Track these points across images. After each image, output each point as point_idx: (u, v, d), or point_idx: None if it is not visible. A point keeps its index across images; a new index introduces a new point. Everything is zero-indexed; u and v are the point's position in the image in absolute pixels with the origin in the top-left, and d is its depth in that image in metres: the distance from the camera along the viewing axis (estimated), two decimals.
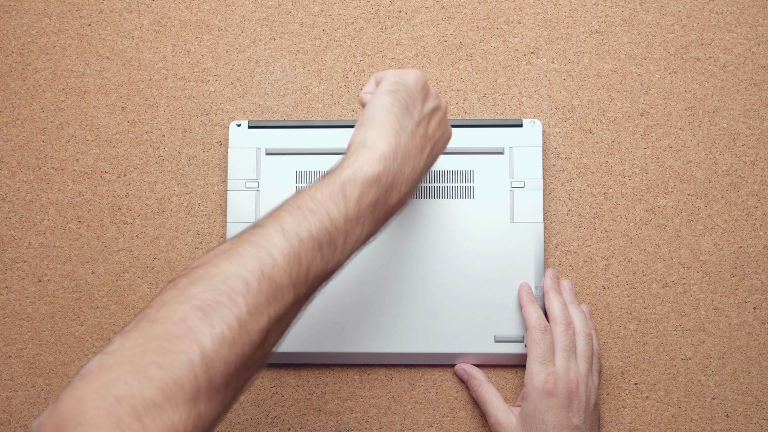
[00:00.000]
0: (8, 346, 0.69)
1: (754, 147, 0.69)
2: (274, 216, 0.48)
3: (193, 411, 0.40)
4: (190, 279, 0.44)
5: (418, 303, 0.66)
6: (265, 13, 0.72)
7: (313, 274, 0.47)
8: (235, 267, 0.44)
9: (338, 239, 0.48)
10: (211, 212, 0.70)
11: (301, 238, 0.46)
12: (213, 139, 0.71)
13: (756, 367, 0.67)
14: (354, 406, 0.68)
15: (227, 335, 0.42)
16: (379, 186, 0.50)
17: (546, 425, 0.60)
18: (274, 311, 0.45)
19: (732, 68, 0.70)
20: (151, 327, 0.42)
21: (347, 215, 0.48)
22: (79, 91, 0.71)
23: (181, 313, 0.42)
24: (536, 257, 0.67)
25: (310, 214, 0.47)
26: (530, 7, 0.71)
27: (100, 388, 0.39)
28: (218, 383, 0.41)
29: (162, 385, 0.39)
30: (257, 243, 0.46)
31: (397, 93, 0.53)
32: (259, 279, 0.44)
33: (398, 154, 0.51)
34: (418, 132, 0.53)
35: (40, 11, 0.72)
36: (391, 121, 0.52)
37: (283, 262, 0.45)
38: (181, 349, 0.41)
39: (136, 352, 0.40)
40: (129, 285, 0.69)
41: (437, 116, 0.56)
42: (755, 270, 0.68)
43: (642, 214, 0.69)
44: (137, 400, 0.38)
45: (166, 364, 0.40)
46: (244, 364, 0.43)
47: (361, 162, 0.50)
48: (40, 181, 0.71)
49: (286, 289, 0.45)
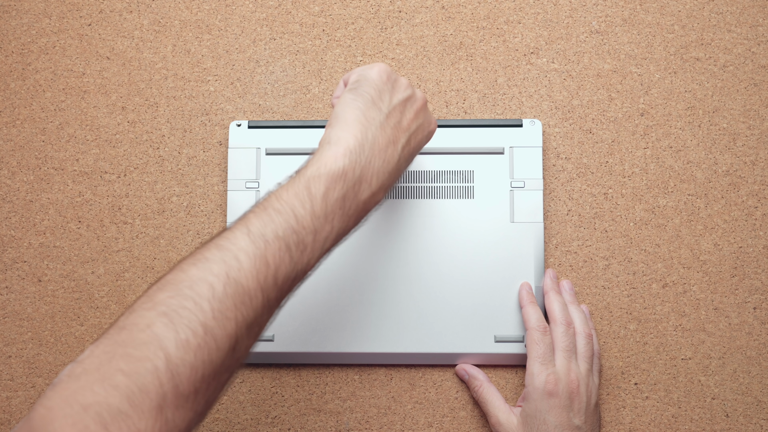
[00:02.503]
0: (8, 346, 0.69)
1: (754, 147, 0.69)
2: (242, 219, 0.47)
3: (160, 418, 0.40)
4: (159, 285, 0.44)
5: (418, 303, 0.66)
6: (265, 13, 0.72)
7: (283, 276, 0.46)
8: (201, 271, 0.44)
9: (306, 238, 0.47)
10: (211, 212, 0.70)
11: (267, 240, 0.45)
12: (213, 139, 0.71)
13: (756, 367, 0.67)
14: (354, 406, 0.68)
15: (192, 341, 0.41)
16: (345, 181, 0.49)
17: (547, 425, 0.60)
18: (242, 315, 0.44)
19: (732, 68, 0.70)
20: (118, 334, 0.41)
21: (314, 213, 0.47)
22: (79, 91, 0.71)
23: (148, 320, 0.42)
24: (536, 257, 0.67)
25: (276, 215, 0.47)
26: (530, 7, 0.71)
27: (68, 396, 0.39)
28: (185, 390, 0.41)
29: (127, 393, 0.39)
30: (224, 246, 0.45)
31: (359, 89, 0.53)
32: (225, 283, 0.43)
33: (365, 147, 0.50)
34: (388, 123, 0.52)
35: (40, 11, 0.72)
36: (355, 116, 0.51)
37: (249, 265, 0.44)
38: (146, 356, 0.40)
39: (104, 360, 0.40)
40: (129, 285, 0.69)
41: (412, 107, 0.55)
42: (755, 270, 0.68)
43: (642, 214, 0.69)
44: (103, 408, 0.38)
45: (131, 371, 0.40)
46: (212, 370, 0.42)
47: (326, 158, 0.49)
48: (40, 181, 0.71)
49: (254, 292, 0.44)
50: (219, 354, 0.42)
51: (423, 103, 0.56)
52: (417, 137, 0.55)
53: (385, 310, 0.66)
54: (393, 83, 0.55)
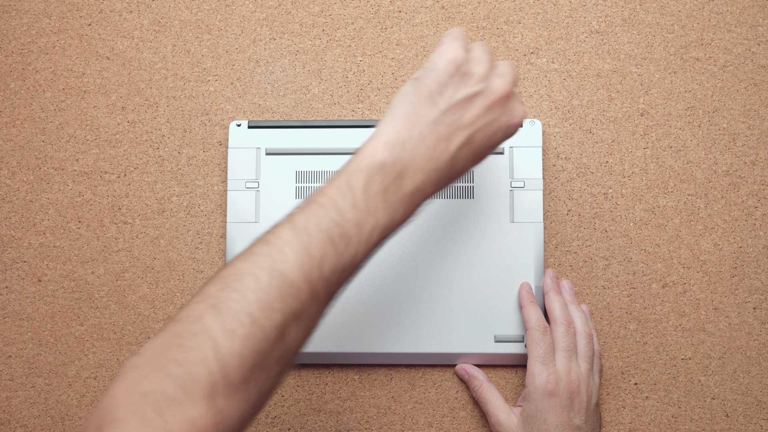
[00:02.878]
0: (8, 346, 0.69)
1: (754, 147, 0.69)
2: (289, 215, 0.48)
3: (212, 406, 0.41)
4: (211, 281, 0.46)
5: (418, 303, 0.66)
6: (265, 13, 0.72)
7: (329, 268, 0.47)
8: (247, 265, 0.46)
9: (350, 230, 0.47)
10: (211, 212, 0.70)
11: (310, 233, 0.46)
12: (213, 139, 0.71)
13: (756, 367, 0.67)
14: (354, 406, 0.68)
15: (239, 330, 0.43)
16: (385, 173, 0.49)
17: (547, 425, 0.60)
18: (289, 307, 0.45)
19: (732, 68, 0.70)
20: (174, 327, 0.44)
21: (355, 205, 0.48)
22: (79, 91, 0.71)
23: (198, 312, 0.44)
24: (536, 257, 0.67)
25: (318, 208, 0.48)
26: (530, 7, 0.71)
27: (129, 386, 0.41)
28: (235, 379, 0.42)
29: (180, 381, 0.41)
30: (269, 241, 0.47)
31: (422, 80, 0.52)
32: (269, 275, 0.45)
33: (408, 143, 0.50)
34: (443, 120, 0.51)
35: (40, 11, 0.72)
36: (405, 112, 0.51)
37: (293, 257, 0.46)
38: (196, 346, 0.42)
39: (159, 351, 0.43)
40: (129, 285, 0.69)
41: (482, 102, 0.51)
42: (755, 270, 0.68)
43: (642, 214, 0.69)
44: (159, 396, 0.41)
45: (183, 360, 0.42)
46: (261, 360, 0.44)
47: (365, 151, 0.50)
48: (40, 181, 0.71)
49: (299, 283, 0.45)
50: (267, 344, 0.44)
51: (499, 97, 0.52)
52: (484, 133, 0.52)
53: (385, 310, 0.66)
54: (462, 76, 0.52)
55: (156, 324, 0.69)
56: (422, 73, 0.52)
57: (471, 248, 0.67)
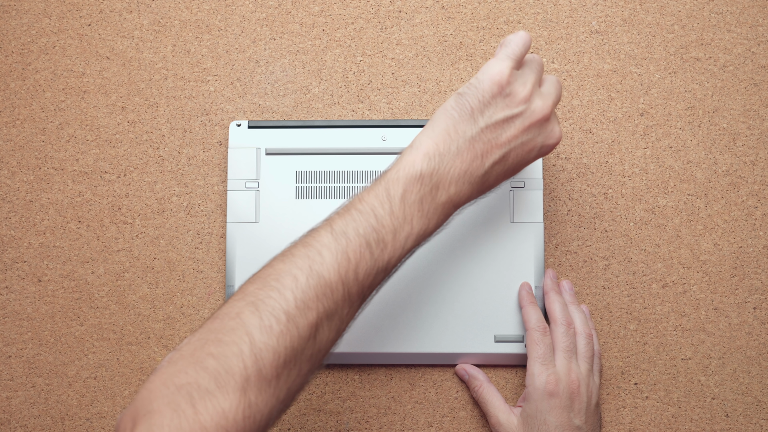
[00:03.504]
0: (8, 346, 0.69)
1: (754, 147, 0.69)
2: (327, 219, 0.51)
3: (243, 400, 0.43)
4: (250, 280, 0.49)
5: (418, 303, 0.66)
6: (265, 13, 0.72)
7: (363, 271, 0.49)
8: (286, 265, 0.48)
9: (386, 237, 0.50)
10: (211, 212, 0.70)
11: (348, 237, 0.49)
12: (213, 139, 0.71)
13: (756, 367, 0.67)
14: (354, 406, 0.68)
15: (275, 327, 0.45)
16: (422, 184, 0.51)
17: (548, 426, 0.60)
18: (323, 306, 0.47)
19: (732, 68, 0.70)
20: (212, 323, 0.46)
21: (393, 213, 0.50)
22: (79, 91, 0.71)
23: (237, 308, 0.46)
24: (536, 257, 0.67)
25: (357, 214, 0.50)
26: (530, 7, 0.71)
27: (165, 379, 0.44)
28: (268, 374, 0.44)
29: (215, 374, 0.43)
30: (308, 244, 0.49)
31: (465, 96, 0.53)
32: (308, 275, 0.47)
33: (445, 156, 0.52)
34: (481, 138, 0.53)
35: (40, 11, 0.72)
36: (445, 126, 0.53)
37: (331, 259, 0.48)
38: (233, 341, 0.44)
39: (197, 346, 0.45)
40: (129, 285, 0.69)
41: (520, 123, 0.53)
42: (755, 270, 0.68)
43: (642, 214, 0.69)
44: (193, 388, 0.43)
45: (219, 354, 0.44)
46: (294, 357, 0.46)
47: (405, 161, 0.52)
48: (40, 181, 0.71)
49: (335, 285, 0.48)
50: (300, 342, 0.46)
51: (537, 119, 0.54)
52: (518, 152, 0.54)
53: (384, 310, 0.66)
54: (505, 97, 0.53)
55: (156, 324, 0.69)
56: (467, 89, 0.54)
57: (471, 248, 0.67)
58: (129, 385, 0.69)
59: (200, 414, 0.42)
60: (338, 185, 0.68)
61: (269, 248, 0.67)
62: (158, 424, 0.41)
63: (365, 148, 0.68)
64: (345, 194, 0.68)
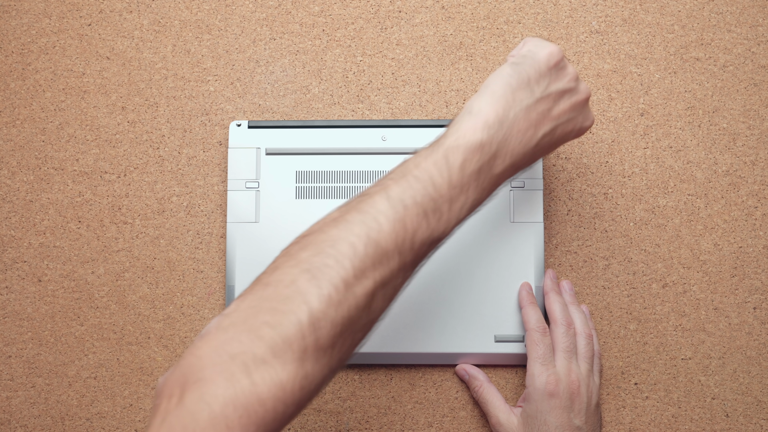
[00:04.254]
0: (8, 346, 0.69)
1: (754, 147, 0.69)
2: (381, 185, 0.49)
3: (300, 370, 0.42)
4: (300, 245, 0.46)
5: (418, 303, 0.66)
6: (265, 13, 0.72)
7: (419, 240, 0.48)
8: (342, 232, 0.46)
9: (443, 206, 0.49)
10: (211, 212, 0.70)
11: (405, 205, 0.47)
12: (213, 139, 0.71)
13: (756, 367, 0.67)
14: (354, 406, 0.68)
15: (334, 296, 0.44)
16: (482, 153, 0.50)
17: (548, 426, 0.60)
18: (380, 275, 0.46)
19: (732, 68, 0.70)
20: (264, 290, 0.44)
21: (451, 182, 0.49)
22: (79, 91, 0.71)
23: (292, 276, 0.44)
24: (536, 257, 0.67)
25: (414, 182, 0.48)
26: (530, 7, 0.71)
27: (217, 346, 0.42)
28: (325, 344, 0.43)
29: (272, 344, 0.42)
30: (364, 210, 0.47)
31: (521, 66, 0.53)
32: (365, 243, 0.46)
33: (504, 124, 0.51)
34: (536, 108, 0.52)
35: (40, 11, 0.72)
36: (503, 91, 0.52)
37: (388, 228, 0.46)
38: (290, 310, 0.43)
39: (250, 313, 0.43)
40: (129, 285, 0.69)
41: (569, 99, 0.54)
42: (755, 270, 0.68)
43: (642, 214, 0.69)
44: (248, 357, 0.41)
45: (276, 323, 0.42)
46: (350, 326, 0.45)
47: (464, 129, 0.50)
48: (40, 181, 0.71)
49: (391, 253, 0.46)
50: (357, 311, 0.45)
51: (584, 98, 0.55)
52: (564, 129, 0.55)
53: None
54: (558, 71, 0.54)
55: (156, 324, 0.69)
56: (521, 60, 0.53)
57: (471, 248, 0.67)
58: (129, 385, 0.69)
59: (257, 385, 0.40)
60: (338, 185, 0.68)
61: (269, 248, 0.67)
62: (211, 393, 0.40)
63: (365, 148, 0.68)
64: (345, 194, 0.68)
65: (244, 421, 0.40)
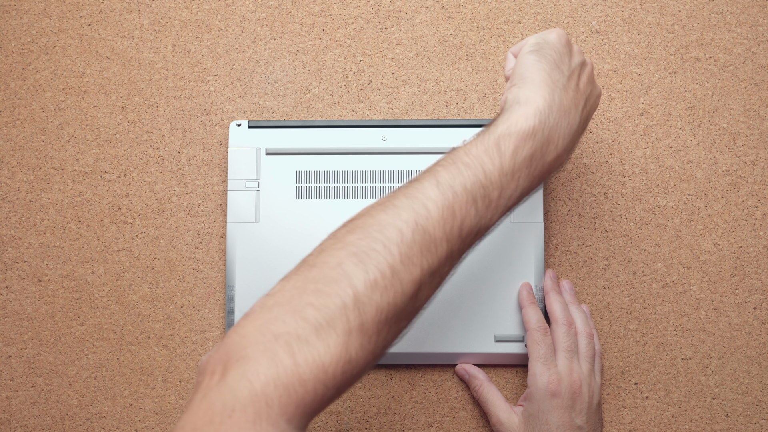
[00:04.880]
0: (8, 346, 0.69)
1: (754, 147, 0.69)
2: (431, 171, 0.48)
3: (344, 354, 0.42)
4: (348, 228, 0.46)
5: None
6: (265, 13, 0.72)
7: (467, 228, 0.47)
8: (390, 217, 0.45)
9: (492, 194, 0.48)
10: (211, 212, 0.70)
11: (455, 191, 0.47)
12: (213, 139, 0.71)
13: (756, 367, 0.67)
14: (354, 406, 0.68)
15: (380, 281, 0.43)
16: (534, 140, 0.49)
17: (549, 426, 0.60)
18: (427, 263, 0.45)
19: (732, 68, 0.70)
20: (309, 271, 0.44)
21: (502, 169, 0.48)
22: (79, 91, 0.71)
23: (338, 259, 0.44)
24: (536, 257, 0.67)
25: (464, 168, 0.48)
26: (530, 7, 0.71)
27: (261, 325, 0.42)
28: (369, 329, 0.43)
29: (316, 326, 0.41)
30: (412, 195, 0.47)
31: (542, 50, 0.53)
32: (413, 229, 0.45)
33: (553, 108, 0.51)
34: (570, 86, 0.52)
35: (40, 11, 0.72)
36: (542, 77, 0.52)
37: (437, 214, 0.46)
38: (335, 292, 0.42)
39: (295, 294, 0.43)
40: (129, 285, 0.69)
41: (585, 71, 0.55)
42: (755, 270, 0.68)
43: (642, 214, 0.69)
44: (292, 338, 0.41)
45: (321, 305, 0.42)
46: (395, 313, 0.44)
47: (516, 117, 0.50)
48: (40, 181, 0.71)
49: (439, 241, 0.46)
50: (403, 298, 0.44)
51: (592, 69, 0.56)
52: (590, 102, 0.55)
53: None
54: (570, 48, 0.55)
55: (156, 324, 0.69)
56: (538, 46, 0.53)
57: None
58: (129, 385, 0.69)
59: (299, 365, 0.40)
60: (338, 185, 0.68)
61: (269, 248, 0.67)
62: (254, 371, 0.40)
63: (365, 148, 0.68)
64: (345, 194, 0.68)
65: (284, 400, 0.40)
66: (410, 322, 0.47)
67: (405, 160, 0.68)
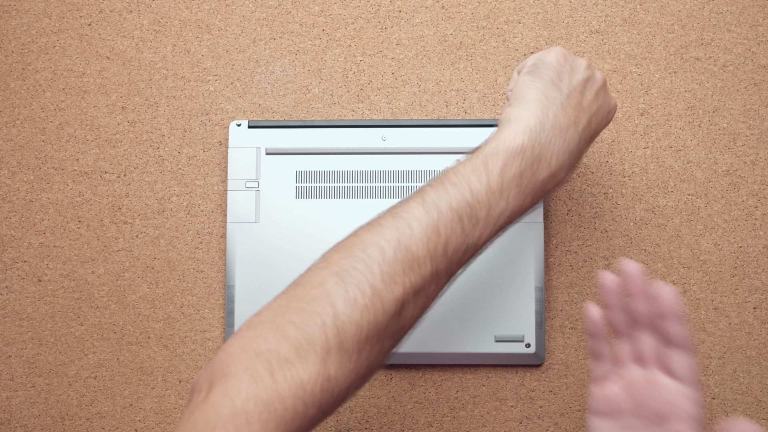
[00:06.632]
0: (8, 346, 0.69)
1: (754, 147, 0.69)
2: (419, 191, 0.49)
3: (323, 372, 0.42)
4: (335, 248, 0.47)
5: None
6: (265, 13, 0.72)
7: (453, 247, 0.47)
8: (374, 236, 0.46)
9: (480, 212, 0.48)
10: (211, 212, 0.70)
11: (440, 210, 0.47)
12: (213, 139, 0.71)
13: (756, 367, 0.67)
14: (354, 406, 0.68)
15: (360, 300, 0.44)
16: (524, 158, 0.49)
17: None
18: (410, 281, 0.46)
19: (732, 68, 0.70)
20: (294, 290, 0.45)
21: (489, 188, 0.48)
22: (79, 91, 0.71)
23: (321, 278, 0.45)
24: (536, 257, 0.67)
25: (451, 187, 0.48)
26: (530, 7, 0.71)
27: (244, 343, 0.43)
28: (349, 348, 0.43)
29: (296, 344, 0.42)
30: (398, 215, 0.47)
31: (538, 71, 0.53)
32: (395, 248, 0.45)
33: (546, 126, 0.50)
34: (569, 104, 0.52)
35: (40, 11, 0.72)
36: (535, 96, 0.51)
37: (420, 233, 0.46)
38: (315, 311, 0.43)
39: (279, 312, 0.44)
40: (129, 285, 0.69)
41: (592, 87, 0.54)
42: (755, 270, 0.68)
43: (642, 214, 0.69)
44: (273, 356, 0.42)
45: (301, 323, 0.43)
46: (377, 331, 0.44)
47: (505, 135, 0.50)
48: (40, 181, 0.71)
49: (423, 259, 0.46)
50: (384, 317, 0.45)
51: (603, 84, 0.55)
52: (597, 118, 0.54)
53: None
54: (571, 64, 0.54)
55: (156, 324, 0.69)
56: (534, 67, 0.53)
57: None
58: (129, 385, 0.69)
59: (278, 383, 0.41)
60: (338, 185, 0.68)
61: (269, 248, 0.67)
62: (235, 388, 0.41)
63: (365, 148, 0.68)
64: (345, 194, 0.68)
65: (264, 417, 0.41)
66: (396, 341, 0.47)
67: (405, 160, 0.68)
